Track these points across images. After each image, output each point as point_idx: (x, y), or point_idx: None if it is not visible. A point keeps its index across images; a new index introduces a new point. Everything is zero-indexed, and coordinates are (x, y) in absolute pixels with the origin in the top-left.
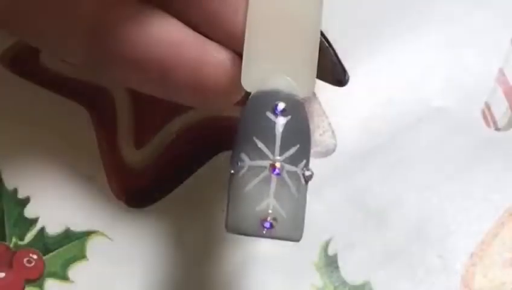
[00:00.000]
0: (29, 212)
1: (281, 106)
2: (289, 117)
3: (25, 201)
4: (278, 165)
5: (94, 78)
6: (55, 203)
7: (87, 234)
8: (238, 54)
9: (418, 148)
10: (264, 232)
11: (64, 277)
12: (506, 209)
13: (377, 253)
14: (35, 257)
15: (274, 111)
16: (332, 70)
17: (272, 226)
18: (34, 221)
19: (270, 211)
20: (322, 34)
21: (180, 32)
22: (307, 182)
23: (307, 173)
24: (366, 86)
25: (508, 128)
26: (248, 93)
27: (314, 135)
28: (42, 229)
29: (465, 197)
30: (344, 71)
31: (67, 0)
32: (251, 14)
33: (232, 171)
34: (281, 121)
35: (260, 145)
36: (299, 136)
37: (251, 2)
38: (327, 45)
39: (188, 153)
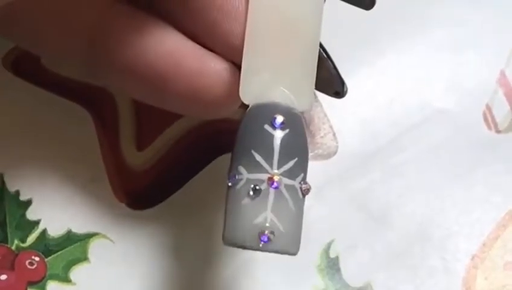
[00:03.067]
0: (31, 214)
1: (280, 119)
2: (287, 130)
3: (27, 203)
4: (276, 178)
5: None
6: (57, 206)
7: (89, 236)
8: (237, 65)
9: (419, 150)
10: (261, 245)
11: (66, 279)
12: (508, 212)
13: (378, 255)
14: (37, 259)
15: (272, 124)
16: (330, 82)
17: (269, 239)
18: (36, 223)
19: (267, 225)
20: (321, 45)
21: (178, 42)
22: (304, 195)
23: (304, 187)
24: (368, 88)
25: (508, 131)
26: (246, 105)
27: (316, 138)
28: (44, 231)
29: (467, 199)
30: (342, 83)
31: (67, 10)
32: (250, 25)
33: (230, 184)
34: (279, 134)
35: (258, 158)
36: (297, 150)
37: (250, 14)
38: (325, 56)
39: (189, 155)
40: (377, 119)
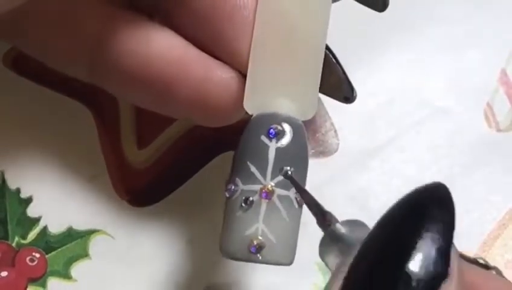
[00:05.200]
0: (32, 211)
1: (275, 129)
2: (285, 140)
3: (28, 200)
4: (268, 189)
5: None
6: (57, 203)
7: (90, 232)
8: (242, 74)
9: (420, 148)
10: (252, 257)
11: (66, 276)
12: (508, 211)
13: None
14: (38, 255)
15: (268, 135)
16: (339, 87)
17: (258, 250)
18: (36, 220)
19: (259, 237)
20: (330, 50)
21: (184, 50)
22: (300, 205)
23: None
24: (369, 87)
25: (509, 130)
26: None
27: (317, 135)
28: (45, 228)
29: (467, 198)
30: (352, 88)
31: (71, 18)
32: (256, 36)
33: (227, 195)
34: (274, 145)
35: (253, 169)
36: (294, 160)
37: (257, 24)
38: (335, 61)
39: (189, 153)
40: (377, 118)
